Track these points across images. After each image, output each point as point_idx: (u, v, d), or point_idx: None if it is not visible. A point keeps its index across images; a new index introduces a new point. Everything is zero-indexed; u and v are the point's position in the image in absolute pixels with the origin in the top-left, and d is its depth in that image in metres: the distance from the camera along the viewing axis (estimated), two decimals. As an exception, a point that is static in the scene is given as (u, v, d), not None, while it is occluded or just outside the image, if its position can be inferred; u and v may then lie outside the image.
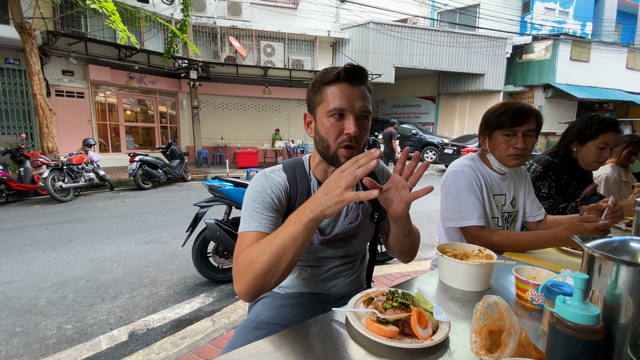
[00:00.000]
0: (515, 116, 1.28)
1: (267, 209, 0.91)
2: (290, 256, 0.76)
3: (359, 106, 0.89)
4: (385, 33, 12.61)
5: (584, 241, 0.61)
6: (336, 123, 0.90)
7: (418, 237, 1.03)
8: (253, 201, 0.92)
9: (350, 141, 0.90)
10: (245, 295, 0.80)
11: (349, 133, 0.88)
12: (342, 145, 0.90)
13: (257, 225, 0.88)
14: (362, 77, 0.91)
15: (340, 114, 0.89)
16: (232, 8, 11.48)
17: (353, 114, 0.89)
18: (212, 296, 2.72)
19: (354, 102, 0.89)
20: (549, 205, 1.66)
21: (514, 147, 1.30)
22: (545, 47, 13.59)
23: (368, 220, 1.04)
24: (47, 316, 2.40)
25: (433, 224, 4.89)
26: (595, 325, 0.49)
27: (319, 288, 1.07)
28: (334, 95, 0.89)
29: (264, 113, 13.18)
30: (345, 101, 0.89)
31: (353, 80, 0.90)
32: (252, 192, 0.94)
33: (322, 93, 0.92)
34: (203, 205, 2.92)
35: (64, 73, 9.15)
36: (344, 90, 0.89)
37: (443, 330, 0.70)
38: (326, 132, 0.91)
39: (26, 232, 4.30)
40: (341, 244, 1.00)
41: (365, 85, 0.92)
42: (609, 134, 1.63)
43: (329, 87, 0.91)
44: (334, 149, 0.91)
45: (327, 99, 0.90)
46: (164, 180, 8.00)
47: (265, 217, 0.90)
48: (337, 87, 0.90)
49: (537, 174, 1.70)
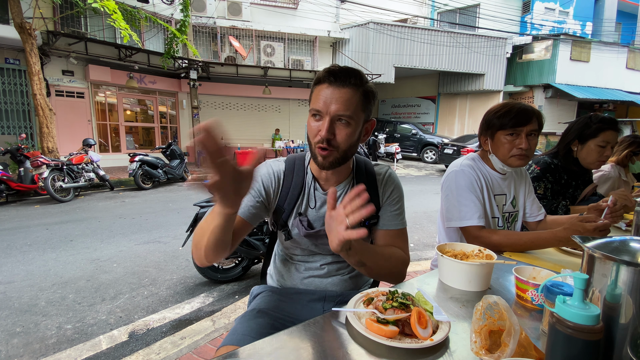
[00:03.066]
0: (518, 116, 1.28)
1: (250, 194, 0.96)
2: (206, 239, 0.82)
3: (333, 109, 0.88)
4: (385, 33, 12.60)
5: (584, 241, 0.61)
6: (315, 123, 0.92)
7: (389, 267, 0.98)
8: None
9: (322, 143, 0.90)
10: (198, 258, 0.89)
11: (320, 135, 0.89)
12: (317, 145, 0.92)
13: None
14: (348, 77, 0.89)
15: (319, 115, 0.90)
16: (232, 8, 11.48)
17: (328, 117, 0.89)
18: (212, 296, 2.72)
19: (329, 104, 0.88)
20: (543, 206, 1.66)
21: (518, 148, 1.30)
22: (545, 47, 13.59)
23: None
24: (47, 316, 2.40)
25: (433, 224, 4.89)
26: (595, 325, 0.49)
27: (315, 285, 1.08)
28: (315, 96, 0.92)
29: (264, 113, 13.19)
30: (321, 103, 0.89)
31: (335, 81, 0.89)
32: None
33: (312, 92, 0.95)
34: (203, 205, 2.92)
35: (64, 73, 9.15)
36: (324, 92, 0.90)
37: (443, 330, 0.70)
38: (309, 129, 0.95)
39: (26, 232, 4.30)
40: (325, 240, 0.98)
41: (350, 87, 0.89)
42: (609, 132, 1.65)
43: (315, 87, 0.93)
44: (313, 146, 0.94)
45: (312, 99, 0.93)
46: (164, 180, 8.00)
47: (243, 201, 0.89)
48: (320, 87, 0.91)
49: (534, 174, 1.71)
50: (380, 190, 1.07)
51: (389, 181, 1.08)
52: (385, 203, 1.06)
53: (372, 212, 0.71)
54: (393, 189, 1.08)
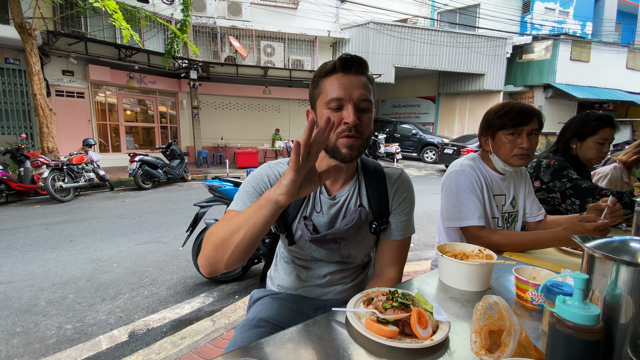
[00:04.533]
0: (519, 116, 1.28)
1: (259, 194, 0.93)
2: (242, 234, 0.74)
3: (357, 95, 0.87)
4: (385, 33, 12.60)
5: (584, 241, 0.61)
6: (334, 114, 0.87)
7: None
8: (248, 184, 0.96)
9: (349, 131, 0.87)
10: (202, 266, 0.81)
11: (347, 122, 0.86)
12: (342, 135, 0.88)
13: (242, 205, 0.90)
14: (360, 66, 0.89)
15: (339, 105, 0.87)
16: (232, 8, 11.48)
17: (352, 103, 0.87)
18: (212, 296, 2.72)
19: (351, 90, 0.87)
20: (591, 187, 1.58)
21: (519, 147, 1.29)
22: (545, 47, 13.59)
23: (366, 228, 1.01)
24: (47, 316, 2.40)
25: (433, 224, 4.89)
26: (595, 325, 0.49)
27: (316, 293, 1.06)
28: (331, 86, 0.88)
29: (264, 113, 13.18)
30: (342, 90, 0.86)
31: (350, 69, 0.88)
32: (251, 177, 0.98)
33: (320, 86, 0.91)
34: (203, 205, 2.93)
35: (64, 73, 9.15)
36: (341, 80, 0.87)
37: (443, 330, 0.70)
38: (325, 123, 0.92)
39: (26, 232, 4.30)
40: (331, 245, 0.97)
41: (364, 75, 0.90)
42: (607, 130, 1.69)
43: (326, 79, 0.90)
44: (334, 140, 0.89)
45: (325, 91, 0.89)
46: (164, 180, 8.00)
47: (252, 201, 0.90)
48: (334, 77, 0.88)
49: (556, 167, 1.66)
50: (391, 194, 1.02)
51: (402, 186, 1.03)
52: (396, 211, 1.03)
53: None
54: (405, 197, 1.03)
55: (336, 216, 1.00)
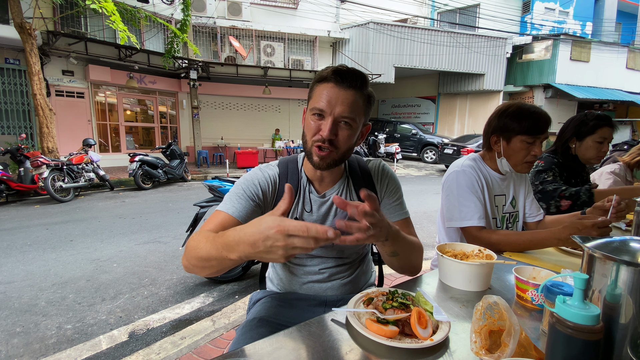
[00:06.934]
0: (540, 124, 1.26)
1: (248, 197, 0.94)
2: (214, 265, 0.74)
3: (339, 111, 0.87)
4: (385, 33, 12.60)
5: (584, 241, 0.61)
6: (316, 121, 0.90)
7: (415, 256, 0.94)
8: (239, 186, 0.97)
9: (323, 142, 0.89)
10: (185, 268, 0.83)
11: (321, 135, 0.88)
12: (315, 144, 0.90)
13: (230, 207, 0.91)
14: (354, 80, 0.88)
15: (321, 114, 0.89)
16: (232, 8, 11.48)
17: (332, 117, 0.87)
18: (212, 296, 2.72)
19: (335, 105, 0.87)
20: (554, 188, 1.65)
21: (532, 155, 1.29)
22: (545, 47, 13.59)
23: None
24: (47, 316, 2.40)
25: (433, 224, 4.89)
26: (595, 325, 0.49)
27: (315, 290, 1.06)
28: (318, 94, 0.90)
29: (264, 113, 13.18)
30: (326, 102, 0.87)
31: (341, 82, 0.88)
32: (243, 179, 0.99)
33: (313, 90, 0.93)
34: (203, 205, 2.93)
35: (64, 73, 9.15)
36: (330, 91, 0.88)
37: (443, 330, 0.70)
38: (307, 127, 0.93)
39: (26, 232, 4.30)
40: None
41: (356, 89, 0.88)
42: (605, 129, 1.71)
43: (319, 86, 0.91)
44: (310, 144, 0.92)
45: (313, 97, 0.91)
46: (164, 180, 8.00)
47: (242, 204, 0.92)
48: (325, 86, 0.89)
49: (539, 168, 1.74)
50: (377, 186, 1.07)
51: (383, 174, 1.08)
52: (385, 197, 1.06)
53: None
54: (389, 181, 1.07)
55: (326, 214, 1.02)
